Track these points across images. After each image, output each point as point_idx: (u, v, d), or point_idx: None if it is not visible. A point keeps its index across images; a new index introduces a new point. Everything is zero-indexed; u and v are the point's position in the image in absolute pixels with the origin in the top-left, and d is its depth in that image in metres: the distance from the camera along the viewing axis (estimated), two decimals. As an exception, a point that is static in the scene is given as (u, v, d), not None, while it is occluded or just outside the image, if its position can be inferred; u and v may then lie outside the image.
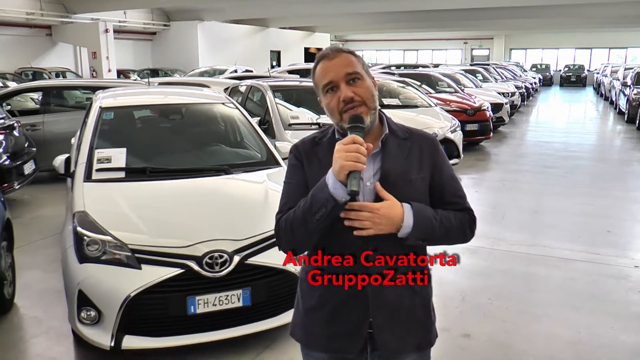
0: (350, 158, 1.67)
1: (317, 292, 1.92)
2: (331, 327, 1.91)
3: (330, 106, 1.82)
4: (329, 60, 1.82)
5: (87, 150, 4.20)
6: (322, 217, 1.76)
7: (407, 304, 1.89)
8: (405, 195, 1.82)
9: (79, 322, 3.43)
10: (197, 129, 5.12)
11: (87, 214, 3.60)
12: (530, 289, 4.89)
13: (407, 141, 1.89)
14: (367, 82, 1.83)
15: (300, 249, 1.92)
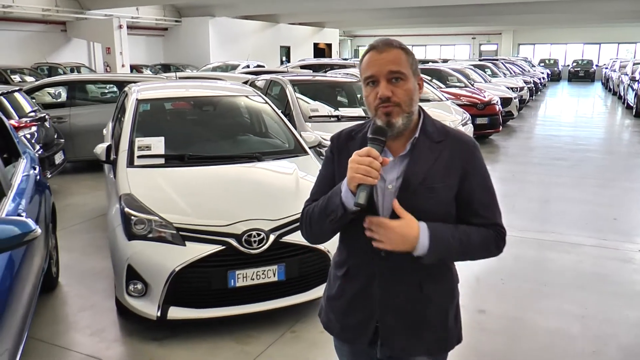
0: (360, 171, 1.66)
1: (338, 282, 1.98)
2: (345, 318, 1.96)
3: (368, 99, 1.79)
4: (377, 52, 1.77)
5: (128, 139, 4.52)
6: (333, 220, 1.80)
7: (417, 308, 1.88)
8: (425, 204, 1.79)
9: (127, 294, 3.76)
10: (228, 119, 5.44)
11: (133, 195, 3.92)
12: (540, 270, 5.18)
13: (440, 145, 1.82)
14: (410, 83, 1.77)
15: (317, 241, 1.99)
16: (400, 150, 1.82)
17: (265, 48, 31.86)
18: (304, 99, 7.52)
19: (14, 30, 22.20)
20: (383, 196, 1.81)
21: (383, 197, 1.81)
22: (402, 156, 1.82)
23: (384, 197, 1.81)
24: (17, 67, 19.78)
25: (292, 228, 3.77)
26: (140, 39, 27.56)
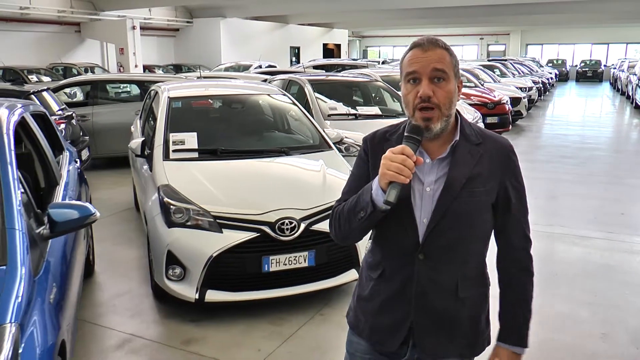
0: (393, 168, 1.64)
1: (371, 284, 1.96)
2: (376, 320, 1.94)
3: (407, 98, 1.75)
4: (422, 50, 1.74)
5: (163, 134, 4.80)
6: (363, 219, 1.76)
7: (451, 313, 1.87)
8: (465, 208, 1.77)
9: (166, 279, 4.04)
10: (254, 116, 5.73)
11: (171, 186, 4.21)
12: (550, 261, 5.43)
13: (479, 147, 1.81)
14: (451, 85, 1.74)
15: (345, 240, 1.94)
16: (438, 153, 1.80)
17: (275, 48, 32.17)
18: (322, 98, 7.79)
19: (30, 31, 22.63)
20: (422, 199, 1.80)
21: (421, 200, 1.80)
22: (440, 159, 1.80)
23: (423, 200, 1.80)
24: (34, 67, 20.14)
25: (321, 217, 4.05)
26: (152, 39, 27.92)
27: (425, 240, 1.79)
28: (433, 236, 1.79)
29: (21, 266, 2.40)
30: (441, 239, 1.79)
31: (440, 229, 1.78)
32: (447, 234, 1.78)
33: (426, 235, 1.79)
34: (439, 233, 1.78)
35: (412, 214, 1.79)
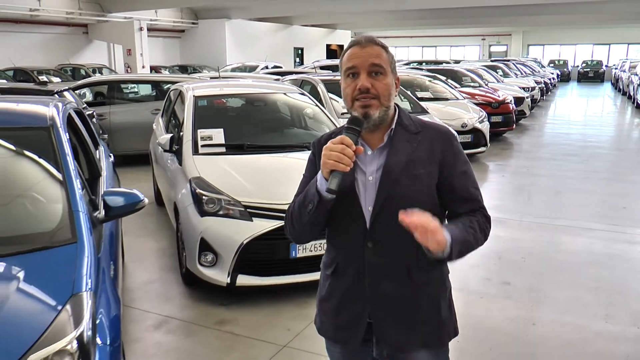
0: (333, 157, 1.70)
1: (327, 283, 2.02)
2: (337, 318, 1.98)
3: (346, 91, 1.84)
4: (360, 47, 1.83)
5: (191, 131, 5.09)
6: (311, 211, 1.83)
7: (408, 299, 1.90)
8: (407, 191, 1.83)
9: (199, 264, 4.33)
10: (276, 113, 6.03)
11: (202, 178, 4.50)
12: (555, 251, 5.72)
13: (418, 135, 1.88)
14: (389, 79, 1.83)
15: (300, 238, 2.03)
16: (378, 144, 1.88)
17: (280, 49, 32.46)
18: (333, 97, 8.08)
19: (39, 32, 22.94)
20: (365, 188, 1.86)
21: (365, 189, 1.86)
22: (380, 148, 1.87)
23: (366, 189, 1.86)
24: (44, 68, 20.46)
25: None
26: (158, 40, 28.20)
27: (372, 226, 1.85)
28: (379, 222, 1.84)
29: (88, 243, 2.70)
30: (387, 224, 1.82)
31: (385, 214, 1.83)
32: (392, 219, 1.77)
33: (372, 221, 1.84)
34: (384, 218, 1.83)
35: (358, 204, 1.86)
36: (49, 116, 3.47)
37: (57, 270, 2.54)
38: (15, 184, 3.12)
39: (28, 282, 2.43)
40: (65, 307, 2.28)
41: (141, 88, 11.81)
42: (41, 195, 3.03)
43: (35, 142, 3.29)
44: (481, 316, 4.29)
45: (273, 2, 25.39)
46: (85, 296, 2.38)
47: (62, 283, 2.43)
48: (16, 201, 2.98)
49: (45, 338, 2.13)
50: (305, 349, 3.74)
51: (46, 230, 2.77)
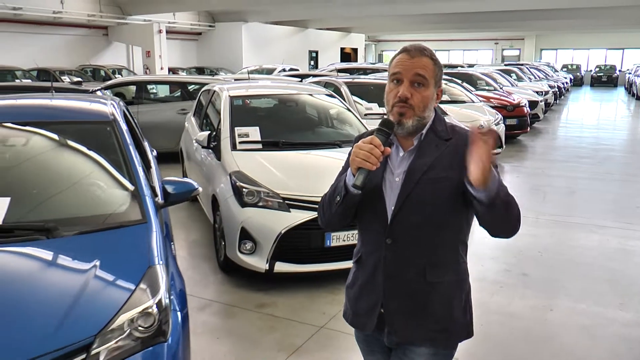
0: (360, 155, 1.79)
1: (353, 270, 2.15)
2: (356, 304, 2.10)
3: (389, 96, 1.92)
4: (409, 56, 1.90)
5: (228, 128, 5.43)
6: (339, 203, 1.94)
7: (421, 296, 1.98)
8: (427, 193, 1.90)
9: (239, 252, 4.66)
10: (306, 112, 6.37)
11: (242, 172, 4.83)
12: (571, 246, 6.00)
13: (448, 142, 1.94)
14: (429, 91, 1.90)
15: (328, 226, 2.13)
16: (410, 146, 1.96)
17: (295, 52, 32.85)
18: (356, 100, 8.40)
19: (62, 34, 23.47)
20: (391, 188, 1.95)
21: (391, 189, 1.95)
22: (410, 151, 1.95)
23: (392, 189, 1.95)
24: (66, 68, 20.94)
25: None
26: (176, 42, 28.65)
27: (391, 224, 1.94)
28: (397, 221, 1.93)
29: (155, 224, 3.03)
30: (405, 223, 1.92)
31: (404, 213, 1.92)
32: (411, 219, 1.92)
33: (391, 219, 1.94)
34: (402, 218, 1.92)
35: (383, 202, 1.95)
36: (109, 112, 3.82)
37: (133, 245, 2.88)
38: (87, 171, 3.47)
39: (110, 255, 2.78)
40: (145, 276, 2.62)
41: (168, 89, 12.19)
42: (111, 181, 3.37)
43: (101, 134, 3.64)
44: (502, 303, 4.59)
45: (289, 6, 25.76)
46: (159, 268, 2.71)
47: (139, 256, 2.78)
48: (90, 186, 3.33)
49: (130, 302, 2.47)
50: (341, 330, 4.04)
51: (119, 211, 3.11)
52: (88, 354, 2.25)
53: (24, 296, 2.48)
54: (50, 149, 3.58)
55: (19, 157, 3.49)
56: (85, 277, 2.54)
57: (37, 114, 3.80)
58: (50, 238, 2.80)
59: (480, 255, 5.47)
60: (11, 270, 2.65)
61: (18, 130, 3.54)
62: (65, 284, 2.55)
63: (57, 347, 2.22)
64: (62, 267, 2.68)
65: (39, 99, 4.23)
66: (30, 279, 2.59)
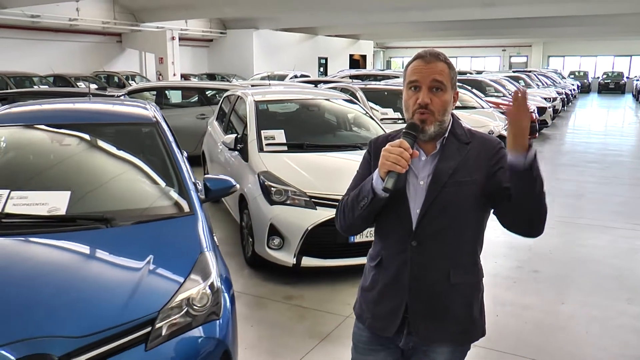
0: (391, 159, 1.82)
1: (372, 274, 2.14)
2: (376, 307, 2.11)
3: (408, 103, 1.97)
4: (424, 62, 1.95)
5: (255, 131, 5.73)
6: (365, 206, 1.94)
7: (444, 298, 2.02)
8: (453, 196, 1.95)
9: (268, 247, 4.95)
10: (327, 116, 6.66)
11: (270, 172, 5.13)
12: (580, 245, 6.26)
13: (468, 145, 1.99)
14: (447, 95, 1.95)
15: (349, 230, 2.14)
16: (432, 150, 2.00)
17: (305, 59, 33.27)
18: (371, 104, 8.71)
19: (77, 41, 24.00)
20: (415, 192, 1.98)
21: (415, 192, 1.98)
22: (433, 155, 2.00)
23: (416, 192, 1.98)
24: (81, 75, 21.38)
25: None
26: (187, 49, 29.09)
27: (417, 227, 1.97)
28: (424, 224, 1.97)
29: (202, 215, 3.34)
30: (431, 226, 1.97)
31: (430, 216, 1.96)
32: (437, 222, 1.96)
33: (418, 222, 1.97)
34: (429, 220, 1.97)
35: (407, 205, 1.98)
36: (152, 115, 4.14)
37: (184, 234, 3.19)
38: (137, 168, 3.78)
39: (164, 242, 3.09)
40: (197, 262, 2.92)
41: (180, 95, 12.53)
42: (158, 177, 3.69)
43: (146, 135, 3.96)
44: (516, 296, 4.87)
45: (299, 13, 26.15)
46: (209, 255, 3.02)
47: (191, 244, 3.08)
48: (140, 181, 3.65)
49: (186, 284, 2.77)
50: (365, 318, 4.32)
51: (168, 204, 3.42)
52: (153, 327, 2.54)
53: (93, 276, 2.79)
54: (102, 148, 3.89)
55: (75, 156, 3.80)
56: (145, 262, 2.84)
57: (89, 117, 4.14)
58: (109, 227, 3.10)
59: (492, 253, 5.75)
60: (79, 253, 2.96)
61: (74, 131, 3.85)
62: (128, 267, 2.86)
63: (129, 320, 2.52)
64: (123, 252, 2.98)
65: (87, 103, 4.54)
66: (96, 261, 2.91)
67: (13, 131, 3.87)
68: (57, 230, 3.07)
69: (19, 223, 3.09)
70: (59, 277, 2.78)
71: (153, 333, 2.54)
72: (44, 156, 3.79)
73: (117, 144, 3.92)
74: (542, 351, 3.95)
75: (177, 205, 3.41)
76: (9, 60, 20.31)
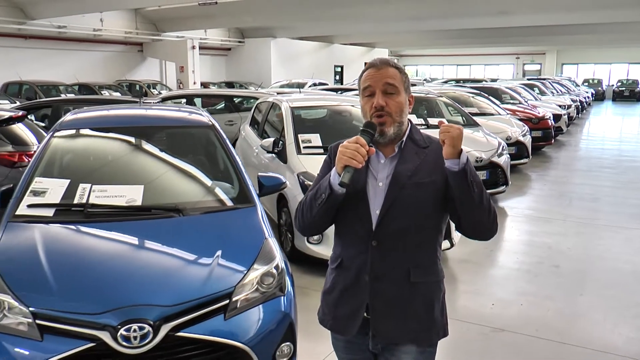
0: (347, 154, 1.87)
1: (332, 276, 2.19)
2: (337, 309, 2.14)
3: (365, 108, 2.04)
4: (376, 69, 2.02)
5: (292, 135, 6.15)
6: (322, 202, 1.99)
7: (405, 297, 2.04)
8: (413, 197, 1.99)
9: (307, 242, 5.35)
10: (356, 122, 7.06)
11: (309, 172, 5.54)
12: (598, 243, 6.63)
13: (426, 149, 2.05)
14: (401, 97, 2.01)
15: (307, 230, 2.18)
16: (390, 153, 2.05)
17: (321, 67, 33.71)
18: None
19: (100, 50, 24.70)
20: (375, 193, 2.02)
21: (375, 193, 2.02)
22: (391, 157, 2.04)
23: (376, 193, 2.02)
24: (104, 83, 21.98)
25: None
26: (206, 58, 29.67)
27: (377, 227, 2.01)
28: (384, 224, 2.00)
29: (260, 207, 3.77)
30: (391, 226, 2.00)
31: (390, 216, 2.00)
32: (397, 222, 2.00)
33: (378, 222, 2.01)
34: (388, 221, 2.00)
35: (367, 206, 2.03)
36: (208, 119, 4.58)
37: (247, 223, 3.62)
38: (200, 165, 4.24)
39: (232, 230, 3.53)
40: (263, 246, 3.34)
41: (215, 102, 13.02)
42: (220, 173, 4.14)
43: (206, 137, 4.41)
44: (538, 288, 5.25)
45: (316, 22, 26.61)
46: (271, 241, 3.44)
47: (255, 231, 3.51)
48: (204, 177, 4.10)
49: (255, 265, 3.19)
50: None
51: (231, 197, 3.86)
52: (230, 300, 2.96)
53: (174, 256, 3.24)
54: (168, 148, 4.34)
55: (145, 155, 4.25)
56: (218, 245, 3.27)
57: (155, 121, 4.61)
58: (182, 216, 3.54)
59: (513, 250, 6.14)
60: (159, 237, 3.40)
61: (142, 133, 4.30)
62: (204, 249, 3.28)
63: (209, 293, 2.94)
64: (197, 236, 3.41)
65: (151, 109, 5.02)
66: (175, 243, 3.34)
67: (89, 133, 4.34)
68: (136, 218, 3.51)
69: (102, 212, 3.53)
70: (144, 256, 3.24)
71: (230, 305, 2.96)
72: (117, 155, 4.25)
73: (180, 144, 4.38)
74: (563, 335, 4.31)
75: (239, 198, 3.84)
76: (37, 70, 21.00)
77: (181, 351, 2.82)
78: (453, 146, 1.88)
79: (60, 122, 4.35)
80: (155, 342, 2.73)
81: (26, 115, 7.20)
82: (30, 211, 3.49)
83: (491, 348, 4.11)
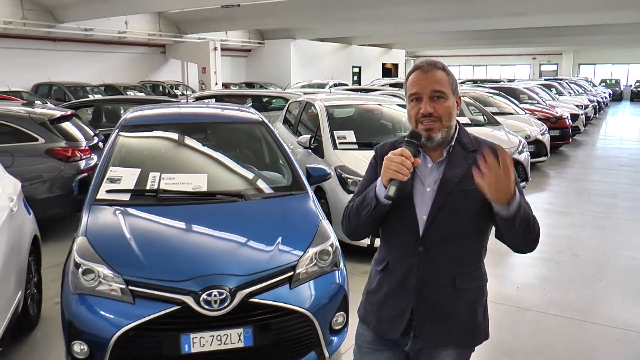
0: (392, 167, 1.85)
1: (377, 278, 2.17)
2: (381, 310, 2.13)
3: (410, 113, 2.00)
4: (422, 72, 1.98)
5: (328, 132, 6.59)
6: (368, 212, 1.99)
7: (449, 302, 2.06)
8: (460, 203, 1.97)
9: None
10: (386, 120, 7.51)
11: (346, 166, 5.98)
12: (616, 235, 7.00)
13: (474, 153, 1.99)
14: (450, 101, 1.98)
15: (355, 235, 2.14)
16: (438, 158, 2.03)
17: (340, 68, 34.15)
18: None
19: (124, 52, 25.34)
20: (422, 198, 2.01)
21: (422, 199, 2.01)
22: (439, 162, 2.02)
23: (423, 199, 2.01)
24: (129, 84, 22.56)
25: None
26: (227, 59, 30.20)
27: (424, 233, 2.00)
28: (431, 230, 2.00)
29: (311, 194, 4.21)
30: (438, 232, 2.00)
31: (437, 223, 1.99)
32: (443, 228, 1.99)
33: (425, 229, 2.00)
34: (435, 227, 2.00)
35: (413, 212, 2.01)
36: (258, 116, 5.03)
37: (303, 207, 4.07)
38: (257, 156, 4.71)
39: (290, 212, 3.99)
40: (318, 227, 3.77)
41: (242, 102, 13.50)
42: (274, 164, 4.60)
43: (259, 131, 4.86)
44: (559, 274, 5.64)
45: (336, 24, 27.05)
46: (325, 222, 3.87)
47: (310, 214, 3.96)
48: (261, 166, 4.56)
49: (313, 243, 3.62)
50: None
51: (286, 184, 4.32)
52: (294, 272, 3.40)
53: (243, 233, 3.69)
54: (225, 142, 4.81)
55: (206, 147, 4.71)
56: (280, 226, 3.72)
57: (213, 118, 5.11)
58: (244, 201, 3.99)
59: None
60: (227, 218, 3.86)
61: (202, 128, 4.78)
62: (268, 228, 3.73)
63: (276, 266, 3.38)
64: (260, 218, 3.88)
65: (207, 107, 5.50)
66: (242, 223, 3.79)
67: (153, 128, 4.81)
68: (203, 202, 3.97)
69: (172, 196, 3.98)
70: (216, 233, 3.69)
71: (294, 277, 3.39)
72: (180, 148, 4.72)
73: (236, 138, 4.85)
74: (585, 313, 4.71)
75: (293, 186, 4.29)
76: (65, 71, 21.63)
77: (253, 315, 3.25)
78: (501, 194, 1.83)
79: (125, 119, 4.82)
80: (232, 306, 3.16)
81: (74, 113, 7.71)
82: (109, 196, 3.95)
83: (519, 324, 4.51)
